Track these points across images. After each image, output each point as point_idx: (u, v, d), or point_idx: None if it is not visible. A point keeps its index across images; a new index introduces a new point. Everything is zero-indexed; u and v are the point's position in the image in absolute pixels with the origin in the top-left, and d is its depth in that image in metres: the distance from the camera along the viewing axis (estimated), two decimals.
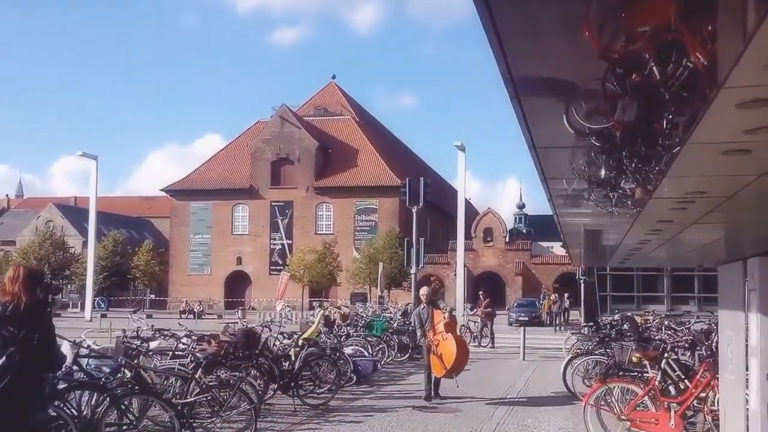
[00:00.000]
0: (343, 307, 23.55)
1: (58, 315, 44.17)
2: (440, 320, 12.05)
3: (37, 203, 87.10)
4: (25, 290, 4.34)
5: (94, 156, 43.15)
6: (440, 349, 11.86)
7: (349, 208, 63.69)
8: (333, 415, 10.52)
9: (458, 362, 11.86)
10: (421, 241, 21.96)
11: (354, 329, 17.48)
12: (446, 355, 11.78)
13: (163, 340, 10.27)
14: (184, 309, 49.62)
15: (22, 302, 4.31)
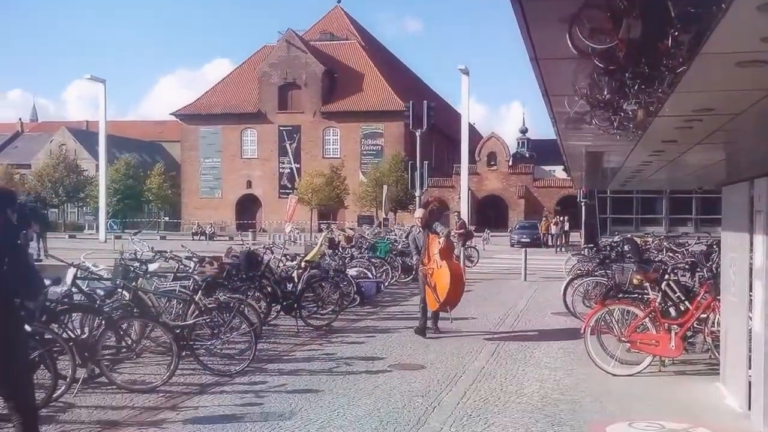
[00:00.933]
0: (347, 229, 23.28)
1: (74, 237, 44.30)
2: (436, 246, 10.33)
3: (50, 127, 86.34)
4: None
5: (102, 79, 42.37)
6: (434, 278, 10.28)
7: (356, 132, 62.98)
8: (335, 336, 10.34)
9: (452, 294, 10.24)
10: (425, 165, 21.45)
11: (358, 251, 17.25)
12: (440, 286, 10.20)
13: (164, 262, 9.99)
14: (196, 231, 49.67)
15: None
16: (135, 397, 6.88)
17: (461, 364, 8.48)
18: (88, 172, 69.03)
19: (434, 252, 10.31)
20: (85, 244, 30.75)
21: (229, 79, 68.79)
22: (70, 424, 6.01)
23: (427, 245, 10.43)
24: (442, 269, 10.18)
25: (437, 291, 10.18)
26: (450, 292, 10.09)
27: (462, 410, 6.52)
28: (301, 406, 6.57)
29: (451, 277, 10.07)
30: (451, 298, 10.22)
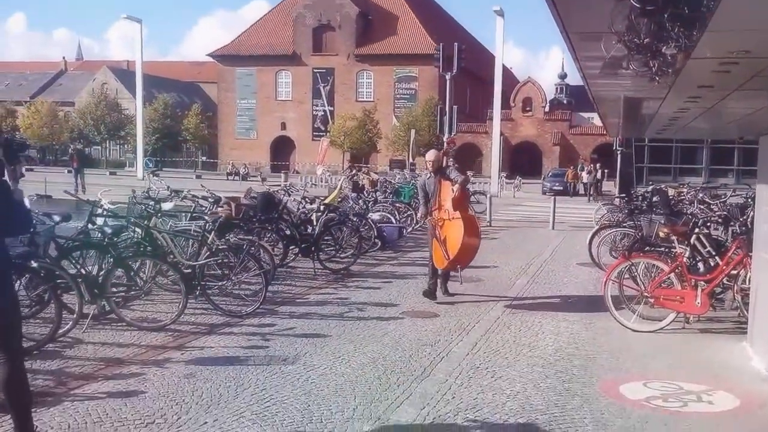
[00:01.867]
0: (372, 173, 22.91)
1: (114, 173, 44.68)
2: (448, 195, 8.71)
3: (93, 66, 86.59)
4: None
5: (138, 19, 42.12)
6: (444, 231, 8.75)
7: (389, 75, 61.94)
8: (352, 280, 10.11)
9: (464, 251, 8.64)
10: (455, 109, 20.87)
11: (382, 195, 16.92)
12: (450, 241, 8.64)
13: (179, 201, 9.78)
14: (231, 171, 49.80)
15: None
16: (143, 335, 6.75)
17: (476, 314, 8.18)
18: (128, 111, 69.34)
19: (446, 200, 8.74)
20: (124, 181, 30.98)
21: (264, 21, 67.90)
22: (74, 360, 5.90)
23: (438, 192, 8.85)
24: (453, 221, 8.62)
25: (447, 246, 8.65)
26: (462, 249, 8.54)
27: (470, 362, 6.25)
28: (306, 351, 6.36)
29: (465, 231, 8.51)
30: (462, 255, 8.65)
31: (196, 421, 4.63)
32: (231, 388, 5.29)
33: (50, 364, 5.69)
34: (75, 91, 76.61)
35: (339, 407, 4.98)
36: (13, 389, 3.92)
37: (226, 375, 5.58)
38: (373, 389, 5.41)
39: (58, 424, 4.46)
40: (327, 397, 5.17)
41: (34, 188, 10.63)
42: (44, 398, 4.83)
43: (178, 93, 77.11)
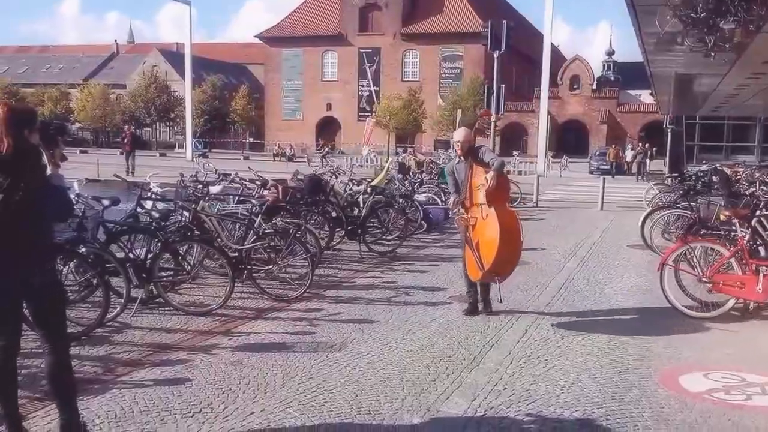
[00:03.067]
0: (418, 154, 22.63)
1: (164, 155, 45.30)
2: (481, 184, 6.77)
3: (144, 49, 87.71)
4: (8, 132, 3.58)
5: (187, 1, 42.29)
6: (476, 234, 6.89)
7: (435, 55, 61.21)
8: (398, 263, 9.94)
9: (502, 259, 6.68)
10: (502, 87, 20.37)
11: (428, 176, 16.66)
12: (484, 245, 6.77)
13: (227, 184, 9.71)
14: (277, 152, 50.02)
15: (5, 145, 3.57)
16: (190, 320, 6.69)
17: (525, 299, 7.92)
18: (178, 93, 70.14)
19: (478, 193, 6.83)
20: (174, 163, 31.34)
21: (311, 1, 67.69)
22: (121, 346, 5.86)
23: (468, 181, 6.93)
24: (488, 220, 6.73)
25: (480, 251, 6.80)
26: (499, 255, 6.59)
27: (521, 350, 6.02)
28: (353, 338, 6.21)
29: (502, 232, 6.58)
30: (500, 263, 6.69)
31: (243, 411, 4.52)
32: (278, 376, 5.18)
33: (98, 350, 5.66)
34: (126, 74, 77.75)
35: (387, 398, 4.82)
36: (58, 378, 3.86)
37: (272, 362, 5.47)
38: (422, 378, 5.23)
39: (105, 413, 4.39)
40: (375, 387, 5.02)
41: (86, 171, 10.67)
42: (91, 385, 4.78)
43: (225, 75, 77.63)
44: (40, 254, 3.73)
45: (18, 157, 3.58)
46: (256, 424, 4.32)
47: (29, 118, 3.74)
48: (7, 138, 3.57)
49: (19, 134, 3.61)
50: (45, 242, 3.80)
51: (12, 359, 3.82)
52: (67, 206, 3.90)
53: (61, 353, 3.86)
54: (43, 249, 3.77)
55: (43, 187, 3.67)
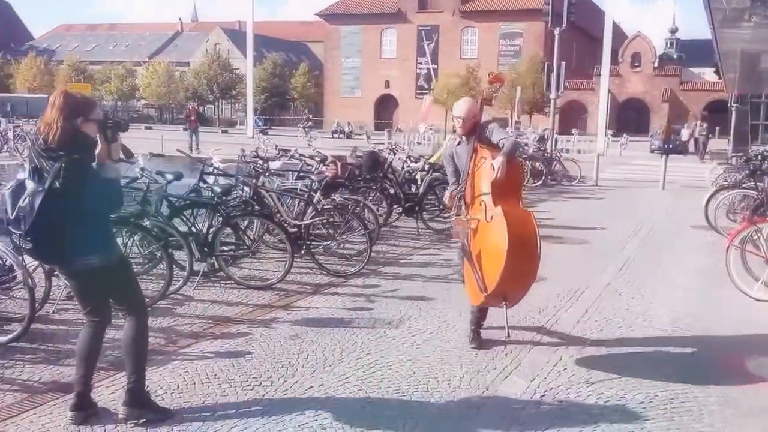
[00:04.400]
0: None
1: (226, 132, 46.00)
2: (485, 174, 4.98)
3: (207, 27, 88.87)
4: (60, 119, 3.59)
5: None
6: (477, 242, 5.11)
7: (494, 32, 60.15)
8: (456, 241, 9.75)
9: (511, 273, 4.76)
10: (562, 65, 19.84)
11: None
12: (487, 257, 5.00)
13: (287, 160, 9.72)
14: (335, 129, 50.15)
15: (54, 132, 3.58)
16: (250, 293, 6.73)
17: (585, 279, 7.70)
18: (239, 71, 70.95)
19: (482, 184, 5.03)
20: (235, 139, 31.74)
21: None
22: (183, 318, 5.93)
23: (471, 171, 5.13)
24: (493, 223, 4.89)
25: (482, 266, 5.04)
26: (507, 271, 4.71)
27: (581, 330, 5.85)
28: (411, 314, 6.15)
29: (511, 241, 4.69)
30: (509, 282, 4.81)
31: (302, 386, 4.51)
32: (336, 351, 5.15)
33: (161, 322, 5.73)
34: (190, 52, 79.02)
35: (445, 376, 4.74)
36: (131, 344, 3.95)
37: (331, 337, 5.44)
38: (480, 357, 5.13)
39: (167, 384, 4.44)
40: (432, 365, 4.94)
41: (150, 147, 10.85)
42: (155, 356, 4.83)
43: (286, 52, 78.10)
44: (89, 239, 3.75)
45: (64, 145, 3.58)
46: (314, 399, 4.30)
47: (84, 107, 3.71)
48: (58, 124, 3.58)
49: (71, 122, 3.61)
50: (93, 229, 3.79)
51: (102, 333, 3.98)
52: (114, 199, 3.89)
53: (135, 322, 3.97)
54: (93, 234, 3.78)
55: (88, 177, 3.66)
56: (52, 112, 3.60)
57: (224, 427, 3.88)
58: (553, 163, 18.75)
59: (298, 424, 3.95)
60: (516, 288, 5.00)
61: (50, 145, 3.59)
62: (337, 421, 4.00)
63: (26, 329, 5.01)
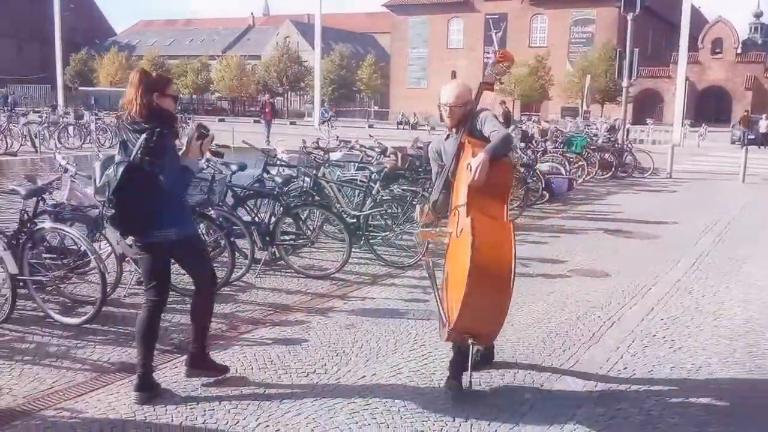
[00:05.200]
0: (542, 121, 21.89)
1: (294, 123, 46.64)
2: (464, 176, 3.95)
3: (278, 20, 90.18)
4: (141, 94, 3.89)
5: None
6: (447, 264, 4.35)
7: (565, 19, 58.76)
8: (517, 234, 9.42)
9: (472, 305, 3.71)
10: (635, 52, 19.20)
11: (552, 145, 16.08)
12: (452, 284, 4.07)
13: (347, 151, 9.79)
14: (400, 120, 50.14)
15: (136, 106, 3.89)
16: (309, 282, 6.83)
17: (653, 275, 7.47)
18: (308, 63, 71.77)
19: (460, 191, 4.11)
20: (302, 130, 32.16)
21: None
22: (245, 304, 6.07)
23: (454, 172, 4.24)
24: (461, 239, 3.95)
25: (447, 293, 4.20)
26: (468, 302, 3.72)
27: (645, 328, 5.68)
28: None
29: (474, 264, 3.67)
30: (471, 315, 3.80)
31: (355, 374, 4.55)
32: (390, 342, 5.17)
33: (223, 308, 5.87)
34: (261, 45, 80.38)
35: (499, 371, 4.68)
36: (198, 313, 4.32)
37: (385, 328, 5.47)
38: (536, 353, 5.05)
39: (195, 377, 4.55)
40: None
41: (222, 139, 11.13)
42: (216, 341, 4.97)
43: (353, 44, 78.52)
44: (167, 213, 4.02)
45: (147, 118, 3.88)
46: (366, 388, 4.33)
47: (159, 83, 4.01)
48: (137, 99, 3.88)
49: (149, 97, 3.90)
50: (171, 203, 4.04)
51: (159, 314, 4.20)
52: (180, 186, 4.14)
53: (203, 293, 4.32)
54: (171, 208, 4.05)
55: (168, 152, 3.92)
56: (130, 89, 3.93)
57: (278, 411, 3.96)
58: (623, 154, 18.24)
59: (349, 411, 3.99)
60: (482, 325, 3.92)
61: (135, 119, 3.90)
62: (387, 411, 4.02)
63: (98, 312, 5.26)
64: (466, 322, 3.82)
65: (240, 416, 3.91)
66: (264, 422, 3.85)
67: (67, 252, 5.71)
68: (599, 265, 7.85)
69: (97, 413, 3.90)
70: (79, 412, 3.90)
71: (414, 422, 3.91)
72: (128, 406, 3.98)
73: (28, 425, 3.75)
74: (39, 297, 5.47)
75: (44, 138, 21.15)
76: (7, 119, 22.95)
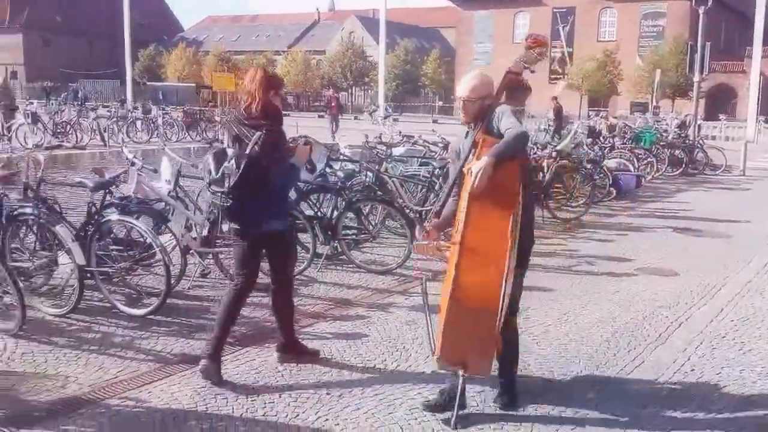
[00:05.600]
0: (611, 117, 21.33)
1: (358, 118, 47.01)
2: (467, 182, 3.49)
3: (343, 15, 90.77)
4: (261, 91, 4.18)
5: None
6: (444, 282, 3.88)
7: (635, 12, 57.07)
8: (582, 231, 9.48)
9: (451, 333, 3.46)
10: (707, 46, 18.52)
11: (620, 141, 15.66)
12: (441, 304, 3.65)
13: (410, 146, 9.77)
14: None
15: (257, 102, 4.18)
16: (370, 277, 6.85)
17: (723, 275, 7.20)
18: (372, 58, 71.97)
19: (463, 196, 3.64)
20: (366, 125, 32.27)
21: None
22: (306, 298, 6.12)
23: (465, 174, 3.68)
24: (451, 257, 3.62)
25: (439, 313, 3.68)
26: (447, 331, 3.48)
27: (714, 330, 5.48)
28: (529, 305, 5.98)
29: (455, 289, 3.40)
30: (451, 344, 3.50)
31: (415, 370, 4.55)
32: None
33: None
34: (326, 40, 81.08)
35: (562, 369, 4.61)
36: (282, 308, 4.59)
37: None
38: (600, 353, 4.94)
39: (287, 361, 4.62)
40: (549, 357, 4.82)
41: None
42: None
43: (418, 39, 78.31)
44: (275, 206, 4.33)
45: (263, 114, 4.18)
46: (426, 384, 4.31)
47: (275, 83, 4.34)
48: (259, 95, 4.18)
49: (267, 95, 4.21)
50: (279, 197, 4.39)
51: (242, 300, 4.44)
52: (288, 182, 4.55)
53: (288, 287, 4.61)
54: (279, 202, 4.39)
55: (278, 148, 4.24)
56: (252, 85, 4.21)
57: (338, 405, 3.99)
58: (694, 150, 17.62)
59: (408, 408, 3.99)
60: (467, 357, 3.50)
61: (251, 115, 4.18)
62: None
63: (162, 303, 5.38)
64: (447, 352, 3.45)
65: (300, 409, 3.95)
66: (323, 416, 3.88)
67: (133, 244, 5.86)
68: (667, 264, 7.62)
69: (160, 403, 4.00)
70: (142, 402, 4.01)
71: None
72: (190, 397, 4.07)
73: (93, 413, 3.86)
74: (105, 288, 5.62)
75: (113, 132, 21.73)
76: (77, 114, 23.61)
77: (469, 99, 3.80)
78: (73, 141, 19.50)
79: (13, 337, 4.88)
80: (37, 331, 5.03)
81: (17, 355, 4.63)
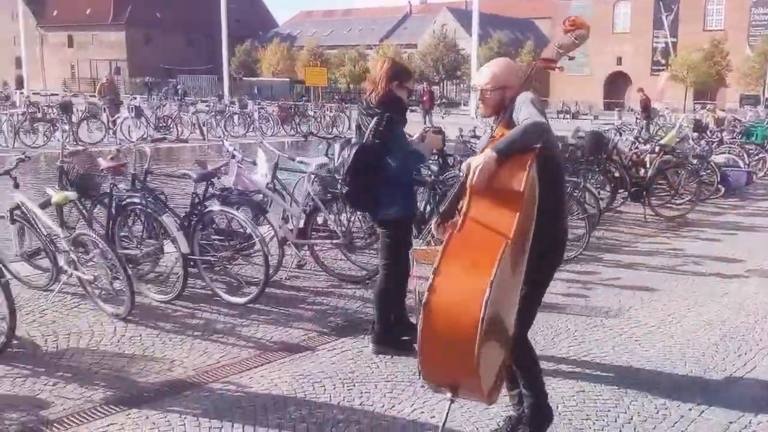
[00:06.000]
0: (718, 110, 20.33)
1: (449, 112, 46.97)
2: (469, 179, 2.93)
3: (435, 8, 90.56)
4: (384, 81, 4.31)
5: None
6: None
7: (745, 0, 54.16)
8: (687, 230, 9.10)
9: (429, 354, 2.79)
10: None
11: (729, 135, 14.91)
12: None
13: None
14: (561, 109, 48.68)
15: (378, 91, 4.31)
16: None
17: None
18: (465, 51, 71.43)
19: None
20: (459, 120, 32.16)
21: None
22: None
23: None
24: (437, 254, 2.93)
25: None
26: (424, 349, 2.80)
27: None
28: (631, 305, 5.84)
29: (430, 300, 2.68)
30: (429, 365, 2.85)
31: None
32: (548, 336, 5.06)
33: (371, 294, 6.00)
34: (418, 34, 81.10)
35: (666, 372, 4.46)
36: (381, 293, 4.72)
37: (544, 321, 5.33)
38: (708, 356, 4.75)
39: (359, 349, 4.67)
40: (652, 360, 4.67)
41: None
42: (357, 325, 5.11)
43: (512, 30, 77.21)
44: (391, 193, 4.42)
45: (383, 102, 4.30)
46: None
47: (402, 74, 4.42)
48: (381, 84, 4.32)
49: (389, 85, 4.33)
50: (396, 184, 4.44)
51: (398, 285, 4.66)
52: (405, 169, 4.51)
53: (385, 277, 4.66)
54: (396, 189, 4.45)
55: (397, 138, 4.34)
56: (378, 73, 4.36)
57: (433, 398, 3.99)
58: None
59: (506, 404, 3.95)
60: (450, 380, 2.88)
61: (370, 104, 4.34)
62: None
63: (261, 292, 5.57)
64: (427, 369, 2.88)
65: (396, 401, 4.00)
66: (419, 408, 3.92)
67: (233, 234, 6.08)
68: None
69: (260, 389, 4.14)
70: (243, 387, 4.17)
71: (572, 420, 3.82)
72: (289, 383, 4.19)
73: (198, 396, 4.05)
74: (207, 276, 5.86)
75: (211, 126, 22.55)
76: (177, 108, 24.61)
77: (486, 88, 3.32)
78: (174, 135, 20.32)
79: (123, 321, 5.17)
80: (145, 316, 5.31)
81: (126, 338, 4.91)
